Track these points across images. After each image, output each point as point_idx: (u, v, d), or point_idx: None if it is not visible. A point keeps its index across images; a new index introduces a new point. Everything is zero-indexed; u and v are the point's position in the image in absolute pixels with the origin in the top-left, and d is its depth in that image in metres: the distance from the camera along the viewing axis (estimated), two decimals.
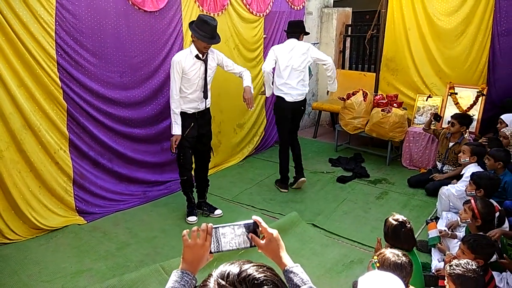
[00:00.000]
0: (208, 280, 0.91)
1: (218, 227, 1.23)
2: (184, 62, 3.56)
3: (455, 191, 3.67)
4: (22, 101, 3.36)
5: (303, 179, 4.62)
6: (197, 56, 3.59)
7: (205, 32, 3.47)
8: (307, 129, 7.10)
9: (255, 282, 0.87)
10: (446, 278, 2.25)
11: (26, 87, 3.39)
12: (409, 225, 2.51)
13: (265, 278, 0.89)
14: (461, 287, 2.16)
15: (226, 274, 0.90)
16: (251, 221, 1.25)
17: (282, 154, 4.57)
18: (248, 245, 1.24)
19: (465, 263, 2.20)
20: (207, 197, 4.12)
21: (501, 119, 4.34)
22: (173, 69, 3.59)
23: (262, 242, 1.25)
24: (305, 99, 4.52)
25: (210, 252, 1.23)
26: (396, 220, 2.51)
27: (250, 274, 0.89)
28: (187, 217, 3.90)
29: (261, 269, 0.91)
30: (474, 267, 2.18)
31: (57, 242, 3.48)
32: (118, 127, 4.12)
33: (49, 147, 3.58)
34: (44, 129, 3.53)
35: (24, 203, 3.46)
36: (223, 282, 0.88)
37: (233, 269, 0.91)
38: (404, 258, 2.07)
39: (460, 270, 2.17)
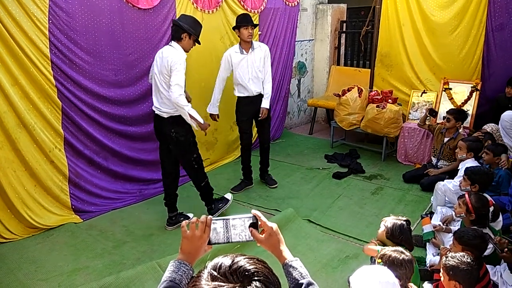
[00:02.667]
0: (202, 272, 0.93)
1: (218, 219, 1.24)
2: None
3: (452, 186, 3.68)
4: (16, 100, 3.35)
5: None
6: None
7: (199, 33, 3.50)
8: (303, 126, 7.12)
9: (246, 273, 0.89)
10: (441, 269, 2.27)
11: (20, 86, 3.38)
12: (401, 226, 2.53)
13: (255, 270, 0.91)
14: (454, 278, 2.18)
15: (218, 265, 0.92)
16: (250, 215, 1.26)
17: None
18: (248, 238, 1.25)
19: (460, 255, 2.23)
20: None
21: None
22: (182, 65, 3.37)
23: (262, 236, 1.26)
24: None
25: (209, 243, 1.24)
26: (400, 220, 2.52)
27: (241, 266, 0.91)
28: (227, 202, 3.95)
29: (252, 261, 0.93)
30: (468, 260, 2.20)
31: (53, 241, 3.48)
32: (113, 125, 4.11)
33: (44, 145, 3.57)
34: (38, 128, 3.52)
35: (19, 202, 3.46)
36: (215, 273, 0.90)
37: (225, 261, 0.93)
38: (409, 254, 2.09)
39: (454, 262, 2.19)
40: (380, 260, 2.12)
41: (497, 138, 4.12)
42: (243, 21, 4.13)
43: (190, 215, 3.96)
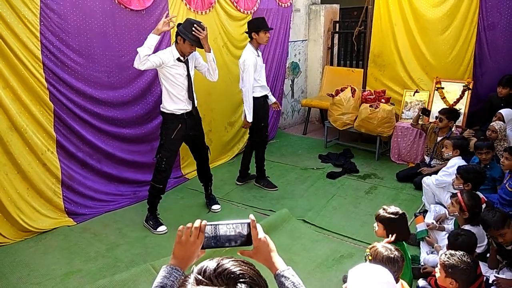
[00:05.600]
0: (189, 276, 0.92)
1: (213, 224, 1.22)
2: (168, 58, 3.53)
3: (434, 180, 3.75)
4: (8, 103, 3.32)
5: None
6: (178, 59, 3.56)
7: (188, 33, 3.46)
8: (297, 126, 7.13)
9: (231, 276, 0.89)
10: (438, 266, 2.29)
11: (12, 89, 3.35)
12: (405, 216, 2.56)
13: (241, 272, 0.90)
14: (452, 276, 2.19)
15: (203, 269, 0.91)
16: (245, 220, 1.23)
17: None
18: (241, 243, 1.22)
19: (460, 254, 2.24)
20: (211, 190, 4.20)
21: (500, 113, 4.29)
22: (159, 52, 3.58)
23: (250, 251, 1.24)
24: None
25: (202, 248, 1.22)
26: (392, 214, 2.53)
27: (226, 269, 0.90)
28: (156, 228, 3.66)
29: (238, 264, 0.92)
30: (468, 260, 2.21)
31: (46, 244, 3.45)
32: (106, 128, 4.09)
33: (36, 148, 3.55)
34: (31, 131, 3.50)
35: (12, 206, 3.43)
36: (200, 277, 0.90)
37: (210, 264, 0.92)
38: (396, 253, 2.10)
39: (454, 260, 2.21)
40: (368, 251, 2.14)
41: (501, 137, 4.12)
42: (267, 26, 4.24)
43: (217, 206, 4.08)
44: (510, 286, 2.56)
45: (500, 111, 4.35)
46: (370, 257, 2.13)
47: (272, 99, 4.59)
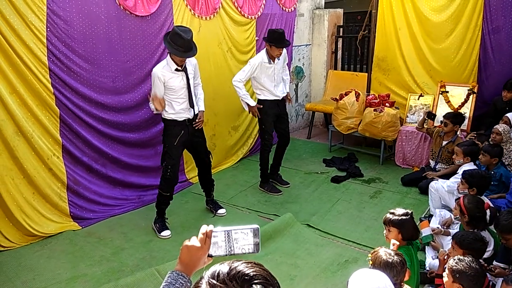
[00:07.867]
0: (200, 282, 0.92)
1: (219, 231, 1.19)
2: (164, 74, 3.50)
3: (446, 186, 3.72)
4: (14, 108, 3.36)
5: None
6: (176, 69, 3.53)
7: (179, 46, 3.39)
8: (301, 130, 7.13)
9: (245, 278, 0.89)
10: (446, 271, 2.27)
11: (18, 94, 3.39)
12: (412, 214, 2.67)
13: (255, 273, 0.90)
14: (460, 282, 2.17)
15: (216, 273, 0.92)
16: (253, 226, 1.19)
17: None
18: (253, 250, 1.19)
19: (469, 260, 2.21)
20: (213, 195, 4.21)
21: (507, 117, 4.27)
22: (154, 81, 3.53)
23: None
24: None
25: (209, 256, 1.21)
26: (403, 215, 2.62)
27: (240, 271, 0.91)
28: (161, 232, 3.69)
29: (250, 265, 0.93)
30: (477, 266, 2.19)
31: (51, 249, 3.47)
32: (111, 132, 4.12)
33: (42, 153, 3.57)
34: (37, 136, 3.53)
35: (18, 210, 3.45)
36: (214, 281, 0.90)
37: (223, 268, 0.93)
38: (396, 258, 2.09)
39: (462, 266, 2.18)
40: (370, 255, 2.14)
41: (507, 140, 4.10)
42: (278, 43, 4.20)
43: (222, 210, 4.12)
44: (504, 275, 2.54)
45: (507, 115, 4.33)
46: (371, 262, 2.14)
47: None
